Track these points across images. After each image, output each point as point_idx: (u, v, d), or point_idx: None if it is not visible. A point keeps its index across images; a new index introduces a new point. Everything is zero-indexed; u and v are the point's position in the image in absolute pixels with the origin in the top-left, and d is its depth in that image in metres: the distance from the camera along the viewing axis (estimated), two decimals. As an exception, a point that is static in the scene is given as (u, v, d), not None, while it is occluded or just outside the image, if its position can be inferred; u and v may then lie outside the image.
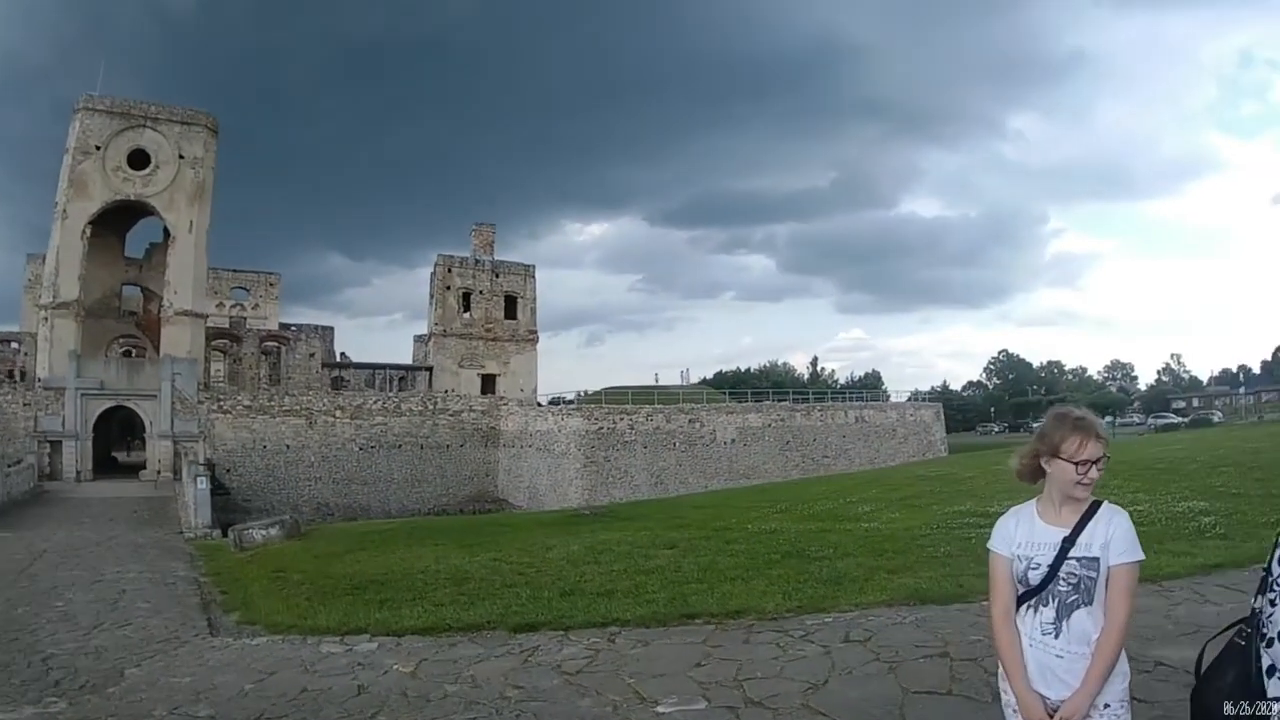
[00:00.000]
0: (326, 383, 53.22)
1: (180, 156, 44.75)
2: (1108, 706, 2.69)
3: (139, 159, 43.97)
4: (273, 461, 42.11)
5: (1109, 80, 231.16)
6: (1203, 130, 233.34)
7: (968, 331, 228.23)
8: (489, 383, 56.04)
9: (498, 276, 57.93)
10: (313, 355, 54.44)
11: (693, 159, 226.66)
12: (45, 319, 41.91)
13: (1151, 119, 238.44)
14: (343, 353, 63.28)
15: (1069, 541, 2.76)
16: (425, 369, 56.21)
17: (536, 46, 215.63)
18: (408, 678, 6.55)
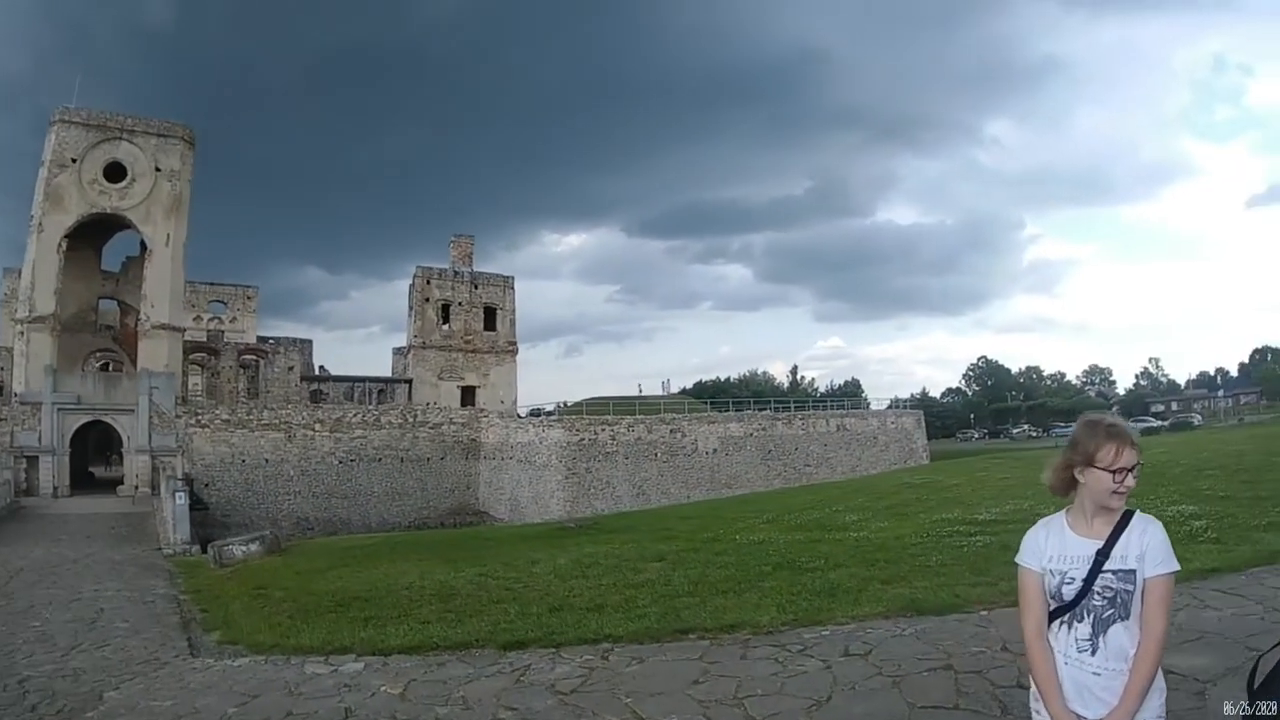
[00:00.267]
0: (305, 396, 52.85)
1: (157, 169, 44.24)
2: None
3: (115, 172, 43.44)
4: (252, 476, 41.58)
5: (1084, 86, 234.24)
6: (1177, 135, 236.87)
7: (945, 339, 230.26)
8: (469, 395, 55.71)
9: (477, 288, 57.66)
10: (291, 368, 54.05)
11: (670, 169, 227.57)
12: (21, 333, 41.36)
13: (1126, 124, 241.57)
14: (321, 366, 62.91)
15: (1103, 554, 2.66)
16: (405, 381, 55.88)
17: (515, 58, 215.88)
18: (396, 700, 6.36)
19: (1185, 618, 6.44)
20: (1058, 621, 2.75)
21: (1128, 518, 2.69)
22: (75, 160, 42.40)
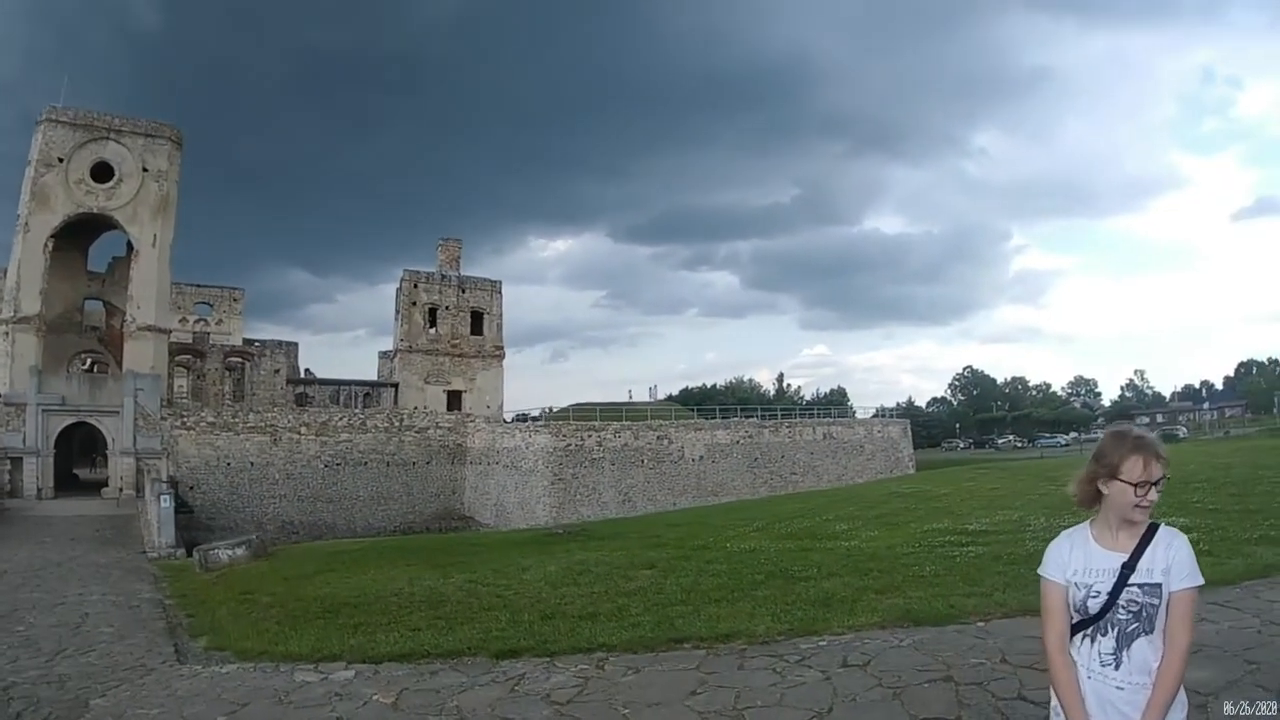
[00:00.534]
0: (291, 399, 52.59)
1: (144, 169, 44.06)
2: None
3: (102, 171, 43.26)
4: (237, 479, 41.28)
5: (1072, 98, 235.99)
6: (1165, 147, 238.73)
7: (931, 348, 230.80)
8: (455, 399, 55.58)
9: (464, 292, 57.56)
10: (277, 371, 53.80)
11: (657, 176, 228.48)
12: (6, 333, 41.06)
13: (1114, 136, 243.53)
14: (307, 369, 62.53)
15: (1129, 567, 2.63)
16: (391, 385, 55.70)
17: (504, 63, 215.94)
18: (389, 709, 6.27)
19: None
20: (1080, 634, 2.72)
21: (1153, 531, 2.66)
22: (62, 160, 42.20)
